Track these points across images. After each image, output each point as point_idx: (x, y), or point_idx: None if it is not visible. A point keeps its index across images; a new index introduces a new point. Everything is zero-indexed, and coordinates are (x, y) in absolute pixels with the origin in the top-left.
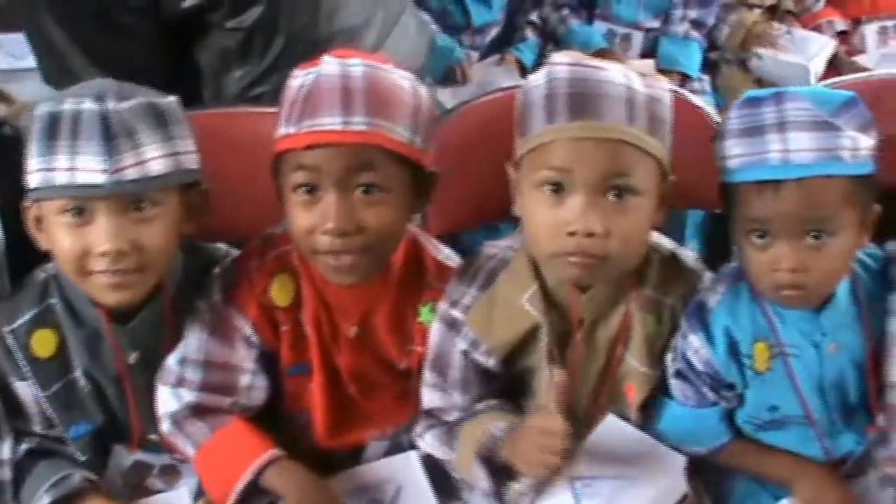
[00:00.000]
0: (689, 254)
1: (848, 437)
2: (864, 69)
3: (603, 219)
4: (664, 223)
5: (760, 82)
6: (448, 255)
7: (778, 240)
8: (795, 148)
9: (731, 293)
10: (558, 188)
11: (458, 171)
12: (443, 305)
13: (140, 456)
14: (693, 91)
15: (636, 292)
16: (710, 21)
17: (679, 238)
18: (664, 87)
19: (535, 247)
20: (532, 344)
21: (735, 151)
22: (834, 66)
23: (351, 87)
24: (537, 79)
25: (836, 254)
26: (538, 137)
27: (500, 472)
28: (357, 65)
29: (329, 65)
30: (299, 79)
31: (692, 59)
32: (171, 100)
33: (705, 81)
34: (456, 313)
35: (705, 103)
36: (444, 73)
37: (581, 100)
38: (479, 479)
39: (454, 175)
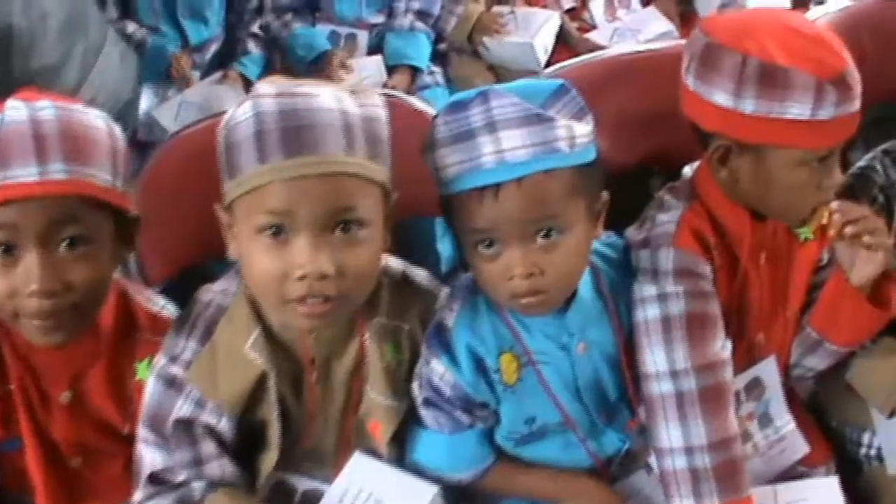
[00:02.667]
0: (421, 272)
1: (612, 436)
2: (599, 46)
3: (333, 258)
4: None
5: (492, 69)
6: (163, 306)
7: (507, 246)
8: (509, 147)
9: (468, 308)
10: (279, 231)
11: (174, 208)
12: (161, 360)
13: None
14: (425, 84)
15: (369, 322)
16: (436, 10)
17: (430, 241)
18: (378, 104)
19: (262, 297)
20: (262, 393)
21: (448, 161)
22: (567, 45)
23: (43, 133)
24: (241, 114)
25: (571, 250)
26: (251, 180)
27: None
28: (47, 107)
29: (15, 110)
30: None
31: (421, 52)
32: None
33: (437, 73)
34: (176, 370)
35: (429, 104)
36: (165, 74)
37: (294, 134)
38: None
39: (169, 213)
